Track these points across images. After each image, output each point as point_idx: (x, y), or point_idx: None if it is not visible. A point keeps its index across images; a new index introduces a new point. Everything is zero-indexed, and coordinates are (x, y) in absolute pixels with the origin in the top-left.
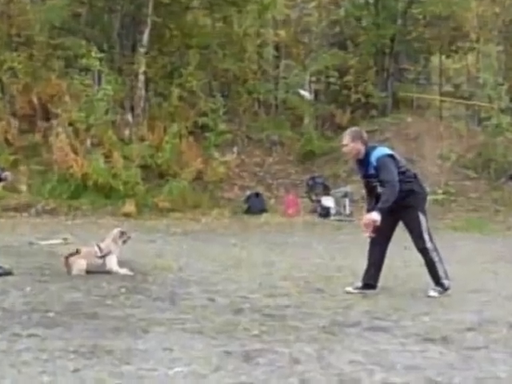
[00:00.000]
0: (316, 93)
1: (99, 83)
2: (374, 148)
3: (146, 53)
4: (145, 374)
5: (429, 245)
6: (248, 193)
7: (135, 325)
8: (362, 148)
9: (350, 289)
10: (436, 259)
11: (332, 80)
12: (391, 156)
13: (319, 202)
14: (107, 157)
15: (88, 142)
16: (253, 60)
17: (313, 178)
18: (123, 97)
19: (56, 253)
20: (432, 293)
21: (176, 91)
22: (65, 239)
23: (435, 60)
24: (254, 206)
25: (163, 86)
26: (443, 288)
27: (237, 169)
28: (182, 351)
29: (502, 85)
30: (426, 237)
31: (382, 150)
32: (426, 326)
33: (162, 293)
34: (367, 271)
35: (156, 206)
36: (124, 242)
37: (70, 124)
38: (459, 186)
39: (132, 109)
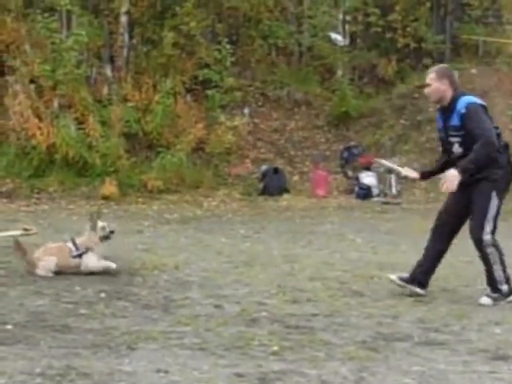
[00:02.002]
0: (352, 36)
1: (69, 27)
2: (463, 94)
3: None
4: None
5: (487, 237)
6: (264, 168)
7: (118, 340)
8: (448, 90)
9: (393, 277)
10: (493, 258)
11: (373, 19)
12: (484, 108)
13: (357, 179)
14: (80, 123)
15: (55, 103)
16: None
17: (348, 149)
18: (100, 45)
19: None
20: (484, 300)
21: (169, 36)
22: (26, 230)
23: None
24: (272, 185)
25: (152, 30)
26: (501, 294)
27: (249, 137)
28: (180, 373)
29: None
30: (488, 227)
31: (473, 98)
32: (498, 339)
33: (153, 299)
34: (420, 265)
35: (144, 186)
36: (105, 238)
37: (32, 81)
38: None
39: (112, 60)
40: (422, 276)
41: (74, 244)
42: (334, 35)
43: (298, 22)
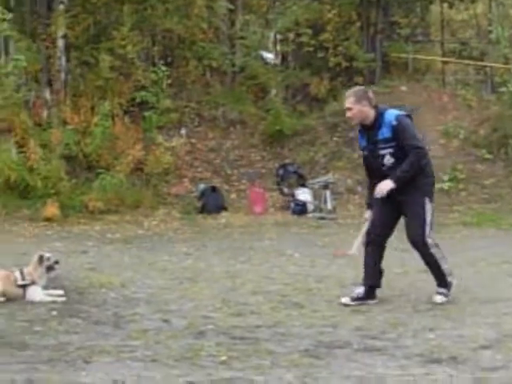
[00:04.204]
0: (284, 56)
1: (7, 52)
2: (386, 108)
3: (67, 10)
4: None
5: (428, 240)
6: (202, 187)
7: (74, 354)
8: (369, 110)
9: (346, 300)
10: (438, 255)
11: (304, 39)
12: (411, 118)
13: (293, 195)
14: (21, 146)
15: None
16: (202, 16)
17: (284, 166)
18: (38, 69)
19: None
20: (438, 298)
21: (106, 59)
22: None
23: (435, 10)
24: (210, 203)
25: (89, 53)
26: (449, 288)
27: (186, 156)
28: (135, 383)
29: None
30: (427, 230)
31: (398, 111)
32: (432, 344)
33: (103, 315)
34: (365, 280)
35: (85, 207)
36: (48, 269)
37: None
38: (469, 170)
39: (50, 84)
40: (371, 289)
41: (22, 274)
42: (266, 54)
43: (230, 42)
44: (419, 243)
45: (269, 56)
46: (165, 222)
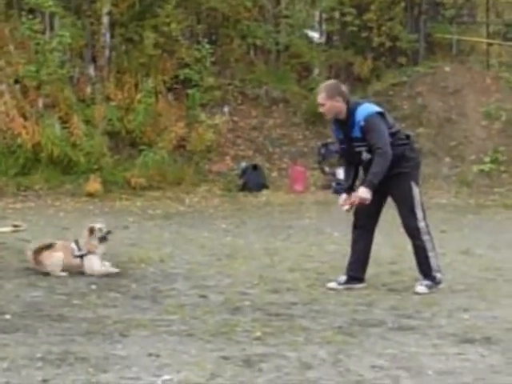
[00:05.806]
0: (328, 35)
1: (52, 28)
2: (358, 104)
3: None
4: (127, 383)
5: (421, 224)
6: (243, 165)
7: (111, 327)
8: (342, 106)
9: (333, 285)
10: (429, 246)
11: (348, 19)
12: (381, 114)
13: (334, 174)
14: (64, 122)
15: (40, 103)
16: None
17: (325, 145)
18: (83, 45)
19: (6, 243)
20: (420, 288)
21: (150, 37)
22: (16, 226)
23: None
24: (252, 181)
25: (134, 31)
26: (434, 282)
27: (229, 134)
28: (170, 357)
29: None
30: (420, 214)
31: (369, 107)
32: (465, 324)
33: (141, 290)
34: (351, 263)
35: (128, 183)
36: (102, 239)
37: (17, 81)
38: (511, 152)
39: (94, 60)
40: (358, 272)
41: (77, 245)
42: (310, 33)
43: (275, 21)
44: (412, 228)
45: (314, 35)
46: (206, 199)
